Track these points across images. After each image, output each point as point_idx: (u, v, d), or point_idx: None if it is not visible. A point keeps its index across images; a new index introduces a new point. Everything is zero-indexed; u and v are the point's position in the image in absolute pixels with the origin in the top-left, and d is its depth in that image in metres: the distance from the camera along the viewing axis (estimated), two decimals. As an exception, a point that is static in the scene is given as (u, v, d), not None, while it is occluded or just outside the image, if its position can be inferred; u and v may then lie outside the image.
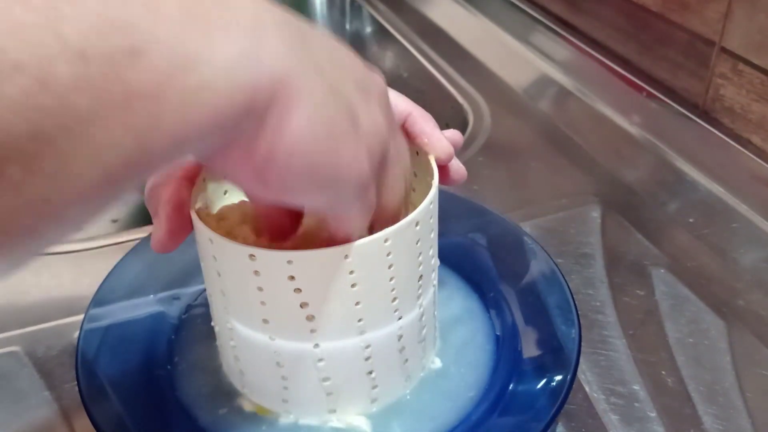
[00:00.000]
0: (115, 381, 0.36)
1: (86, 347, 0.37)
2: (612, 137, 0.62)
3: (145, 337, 0.39)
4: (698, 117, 0.60)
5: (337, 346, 0.33)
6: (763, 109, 0.55)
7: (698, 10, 0.58)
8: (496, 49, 0.78)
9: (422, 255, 0.33)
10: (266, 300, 0.31)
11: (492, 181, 0.57)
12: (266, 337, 0.33)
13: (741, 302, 0.45)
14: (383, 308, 0.33)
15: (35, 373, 0.40)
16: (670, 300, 0.45)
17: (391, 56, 0.85)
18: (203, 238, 0.31)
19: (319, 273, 0.30)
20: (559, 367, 0.36)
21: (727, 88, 0.57)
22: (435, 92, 0.74)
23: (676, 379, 0.40)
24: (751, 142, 0.56)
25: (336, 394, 0.35)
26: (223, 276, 0.32)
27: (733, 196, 0.54)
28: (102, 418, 0.33)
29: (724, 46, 0.57)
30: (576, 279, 0.46)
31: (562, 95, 0.69)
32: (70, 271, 0.47)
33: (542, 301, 0.40)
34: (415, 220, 0.31)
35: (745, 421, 0.37)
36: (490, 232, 0.45)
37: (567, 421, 0.37)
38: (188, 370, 0.38)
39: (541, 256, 0.42)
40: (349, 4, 0.94)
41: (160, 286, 0.42)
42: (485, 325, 0.40)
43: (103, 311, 0.40)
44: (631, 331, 0.43)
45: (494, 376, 0.37)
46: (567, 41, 0.73)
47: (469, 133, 0.64)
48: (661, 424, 0.37)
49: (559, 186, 0.56)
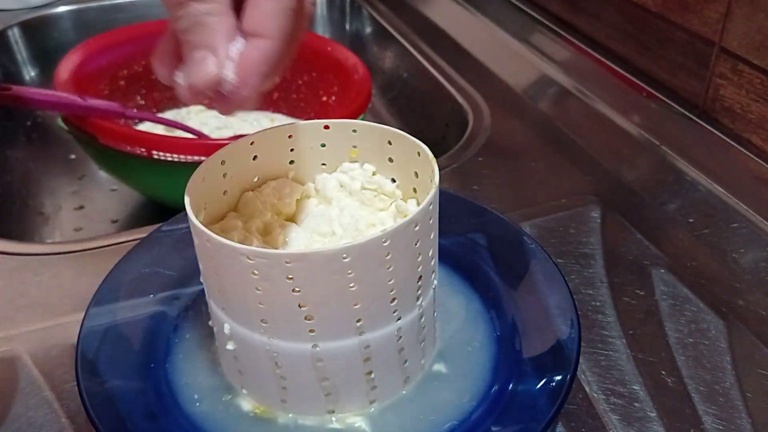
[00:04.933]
0: (115, 381, 0.36)
1: (86, 347, 0.37)
2: (612, 137, 0.62)
3: (145, 337, 0.39)
4: (698, 117, 0.60)
5: (335, 347, 0.33)
6: (763, 109, 0.55)
7: (698, 10, 0.58)
8: (496, 49, 0.78)
9: (421, 256, 0.33)
10: (264, 300, 0.31)
11: (492, 181, 0.57)
12: (265, 338, 0.33)
13: (741, 302, 0.45)
14: (382, 309, 0.33)
15: (35, 373, 0.40)
16: (670, 300, 0.45)
17: (391, 56, 0.85)
18: (201, 238, 0.31)
19: (318, 273, 0.30)
20: (559, 367, 0.36)
21: (727, 88, 0.57)
22: (435, 92, 0.74)
23: (676, 379, 0.40)
24: (751, 142, 0.56)
25: (335, 395, 0.35)
26: (221, 276, 0.32)
27: (733, 196, 0.54)
28: (102, 418, 0.33)
29: (724, 46, 0.57)
30: (576, 279, 0.46)
31: (562, 95, 0.69)
32: (70, 271, 0.47)
33: (542, 301, 0.40)
34: (414, 221, 0.31)
35: (745, 421, 0.37)
36: (490, 232, 0.45)
37: (567, 421, 0.37)
38: (187, 370, 0.38)
39: (541, 256, 0.42)
40: (349, 4, 0.94)
41: (160, 286, 0.42)
42: (485, 325, 0.40)
43: (103, 311, 0.40)
44: (631, 331, 0.43)
45: (494, 376, 0.37)
46: (567, 41, 0.73)
47: (469, 133, 0.64)
48: (661, 424, 0.37)
49: (559, 186, 0.56)
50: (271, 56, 0.28)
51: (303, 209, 0.38)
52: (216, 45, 0.28)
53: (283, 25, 0.28)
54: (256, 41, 0.28)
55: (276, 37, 0.28)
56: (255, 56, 0.28)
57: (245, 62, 0.28)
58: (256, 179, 0.38)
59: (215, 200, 0.36)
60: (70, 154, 0.77)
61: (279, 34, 0.28)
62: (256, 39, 0.28)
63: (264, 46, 0.28)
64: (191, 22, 0.28)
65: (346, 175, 0.38)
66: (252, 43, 0.28)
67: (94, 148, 0.58)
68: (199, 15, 0.27)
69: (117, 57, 0.70)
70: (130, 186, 0.66)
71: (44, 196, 0.73)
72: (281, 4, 0.28)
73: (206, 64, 0.28)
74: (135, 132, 0.59)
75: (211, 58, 0.28)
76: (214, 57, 0.28)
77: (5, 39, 0.82)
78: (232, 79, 0.28)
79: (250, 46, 0.28)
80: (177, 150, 0.54)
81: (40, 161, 0.76)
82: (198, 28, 0.28)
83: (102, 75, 0.68)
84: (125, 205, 0.72)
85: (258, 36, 0.28)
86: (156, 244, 0.44)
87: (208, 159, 0.35)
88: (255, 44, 0.28)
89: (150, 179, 0.60)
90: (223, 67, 0.28)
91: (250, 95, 0.29)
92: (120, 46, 0.70)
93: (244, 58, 0.28)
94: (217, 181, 0.36)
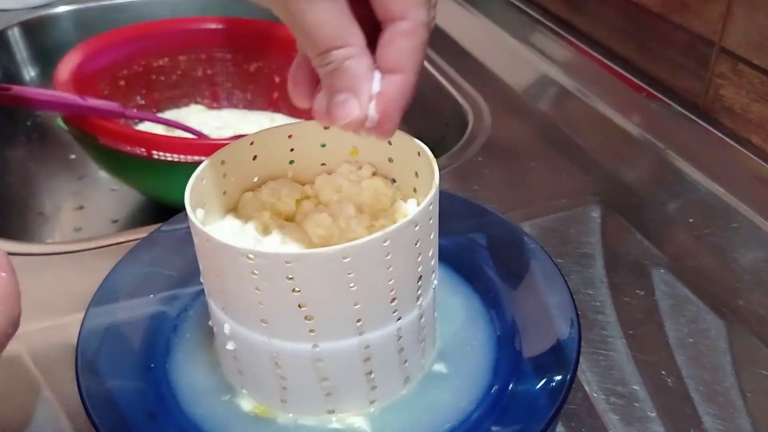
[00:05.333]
0: (115, 381, 0.36)
1: (86, 347, 0.37)
2: (612, 137, 0.62)
3: (144, 337, 0.39)
4: (698, 117, 0.60)
5: (335, 347, 0.33)
6: (763, 109, 0.55)
7: (698, 10, 0.58)
8: (496, 49, 0.78)
9: (422, 256, 0.33)
10: (264, 300, 0.31)
11: (492, 181, 0.57)
12: (265, 338, 0.33)
13: (741, 302, 0.45)
14: (382, 309, 0.33)
15: (35, 373, 0.40)
16: (670, 300, 0.45)
17: (392, 56, 0.85)
18: (201, 238, 0.31)
19: (318, 273, 0.30)
20: (559, 367, 0.36)
21: (727, 88, 0.57)
22: (435, 92, 0.74)
23: (676, 379, 0.40)
24: (751, 142, 0.56)
25: (335, 395, 0.35)
26: (221, 276, 0.32)
27: (733, 196, 0.54)
28: (102, 418, 0.33)
29: (724, 46, 0.57)
30: (576, 279, 0.46)
31: (562, 95, 0.69)
32: (70, 271, 0.47)
33: (542, 301, 0.40)
34: (414, 221, 0.31)
35: (745, 421, 0.37)
36: (490, 232, 0.45)
37: (567, 421, 0.37)
38: (187, 370, 0.38)
39: (541, 256, 0.42)
40: (350, 4, 0.94)
41: (160, 286, 0.42)
42: (485, 325, 0.40)
43: (103, 311, 0.40)
44: (631, 331, 0.43)
45: (494, 376, 0.37)
46: (567, 41, 0.73)
47: (469, 133, 0.64)
48: (661, 424, 0.37)
49: (559, 186, 0.56)
50: (409, 90, 0.29)
51: (302, 209, 0.38)
52: (358, 89, 0.29)
53: (418, 59, 0.29)
54: (394, 77, 0.29)
55: (412, 72, 0.29)
56: (394, 93, 0.29)
57: (386, 100, 0.29)
58: (256, 179, 0.38)
59: (215, 200, 0.36)
60: (70, 154, 0.77)
61: (415, 68, 0.29)
62: (394, 75, 0.29)
63: (402, 82, 0.29)
64: (332, 68, 0.28)
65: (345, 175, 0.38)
66: (390, 79, 0.29)
67: (94, 148, 0.58)
68: (340, 60, 0.28)
69: (117, 57, 0.70)
70: (130, 186, 0.66)
71: (44, 196, 0.73)
72: (417, 41, 0.28)
73: (350, 107, 0.29)
74: (135, 132, 0.59)
75: (353, 101, 0.29)
76: (356, 100, 0.29)
77: (5, 39, 0.82)
78: (373, 117, 0.29)
79: (389, 83, 0.29)
80: (177, 150, 0.54)
81: (40, 161, 0.76)
82: (339, 74, 0.28)
83: (102, 75, 0.68)
84: (125, 205, 0.72)
85: (395, 72, 0.29)
86: (156, 244, 0.44)
87: (208, 159, 0.35)
88: (393, 80, 0.29)
89: (150, 179, 0.60)
90: (366, 109, 0.29)
91: (395, 125, 0.30)
92: (120, 46, 0.70)
93: (384, 96, 0.29)
94: (216, 181, 0.36)
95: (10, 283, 0.31)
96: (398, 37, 0.28)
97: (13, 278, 0.31)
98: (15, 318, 0.30)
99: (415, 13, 0.28)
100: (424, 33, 0.28)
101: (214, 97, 0.76)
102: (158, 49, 0.73)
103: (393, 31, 0.28)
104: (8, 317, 0.30)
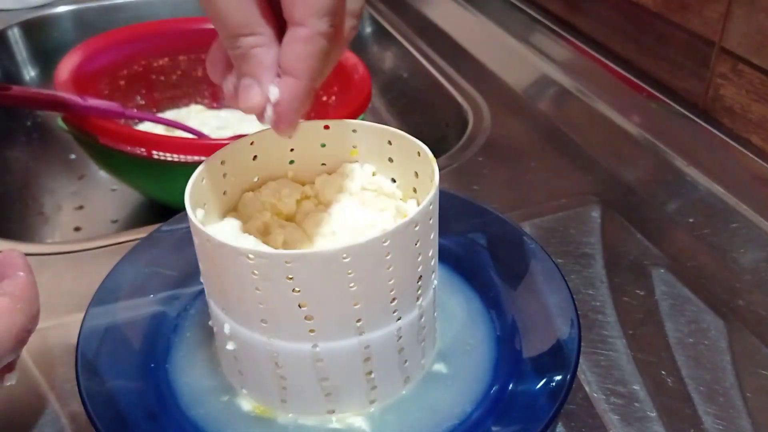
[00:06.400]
0: (115, 381, 0.36)
1: (86, 347, 0.37)
2: (612, 137, 0.62)
3: (145, 337, 0.39)
4: (698, 117, 0.60)
5: (335, 347, 0.33)
6: (763, 109, 0.55)
7: (698, 10, 0.58)
8: (496, 49, 0.78)
9: (421, 256, 0.33)
10: (264, 300, 0.31)
11: (492, 181, 0.57)
12: (265, 338, 0.33)
13: (741, 302, 0.45)
14: (382, 309, 0.33)
15: (35, 373, 0.40)
16: (670, 300, 0.45)
17: (391, 56, 0.85)
18: (201, 238, 0.31)
19: (317, 273, 0.30)
20: (559, 367, 0.36)
21: (727, 88, 0.57)
22: (435, 92, 0.74)
23: (676, 379, 0.40)
24: (751, 142, 0.56)
25: (335, 395, 0.35)
26: (221, 276, 0.32)
27: (733, 196, 0.54)
28: (102, 418, 0.33)
29: (724, 46, 0.57)
30: (576, 279, 0.46)
31: (562, 95, 0.69)
32: (70, 271, 0.47)
33: (542, 301, 0.40)
34: (414, 221, 0.31)
35: (745, 421, 0.37)
36: (490, 232, 0.45)
37: (567, 421, 0.37)
38: (187, 370, 0.38)
39: (541, 256, 0.42)
40: (350, 4, 0.94)
41: (160, 286, 0.42)
42: (485, 325, 0.40)
43: (103, 311, 0.40)
44: (631, 331, 0.43)
45: (494, 376, 0.37)
46: (567, 41, 0.73)
47: (469, 133, 0.64)
48: (661, 424, 0.37)
49: (559, 186, 0.56)
50: (302, 95, 0.30)
51: (303, 209, 0.38)
52: (260, 77, 0.30)
53: (313, 66, 0.30)
54: (287, 80, 0.30)
55: (305, 78, 0.30)
56: (286, 95, 0.30)
57: (280, 102, 0.30)
58: (256, 179, 0.38)
59: (215, 200, 0.36)
60: (70, 154, 0.77)
61: (309, 75, 0.30)
62: (288, 78, 0.30)
63: (295, 86, 0.30)
64: (240, 53, 0.30)
65: (345, 175, 0.38)
66: (285, 81, 0.30)
67: (94, 148, 0.58)
68: (247, 47, 0.29)
69: (117, 57, 0.70)
70: (130, 186, 0.66)
71: (44, 196, 0.73)
72: (312, 48, 0.29)
73: (252, 93, 0.30)
74: (135, 132, 0.59)
75: (256, 88, 0.30)
76: (258, 87, 0.30)
77: (5, 39, 0.82)
78: (269, 115, 0.30)
79: (284, 85, 0.30)
80: (177, 150, 0.54)
81: (40, 161, 0.76)
82: (246, 59, 0.30)
83: (102, 75, 0.68)
84: (125, 205, 0.72)
85: (289, 75, 0.30)
86: (156, 244, 0.44)
87: (208, 159, 0.35)
88: (287, 83, 0.30)
89: (150, 179, 0.60)
90: (266, 97, 0.30)
91: (289, 126, 0.31)
92: (120, 46, 0.70)
93: (279, 98, 0.30)
94: (216, 181, 0.36)
95: (29, 282, 0.32)
96: (294, 42, 0.29)
97: (32, 277, 0.33)
98: (34, 315, 0.32)
99: (314, 22, 0.28)
100: (322, 42, 0.29)
101: (214, 97, 0.76)
102: (158, 49, 0.73)
103: (291, 35, 0.29)
104: (28, 314, 0.31)
